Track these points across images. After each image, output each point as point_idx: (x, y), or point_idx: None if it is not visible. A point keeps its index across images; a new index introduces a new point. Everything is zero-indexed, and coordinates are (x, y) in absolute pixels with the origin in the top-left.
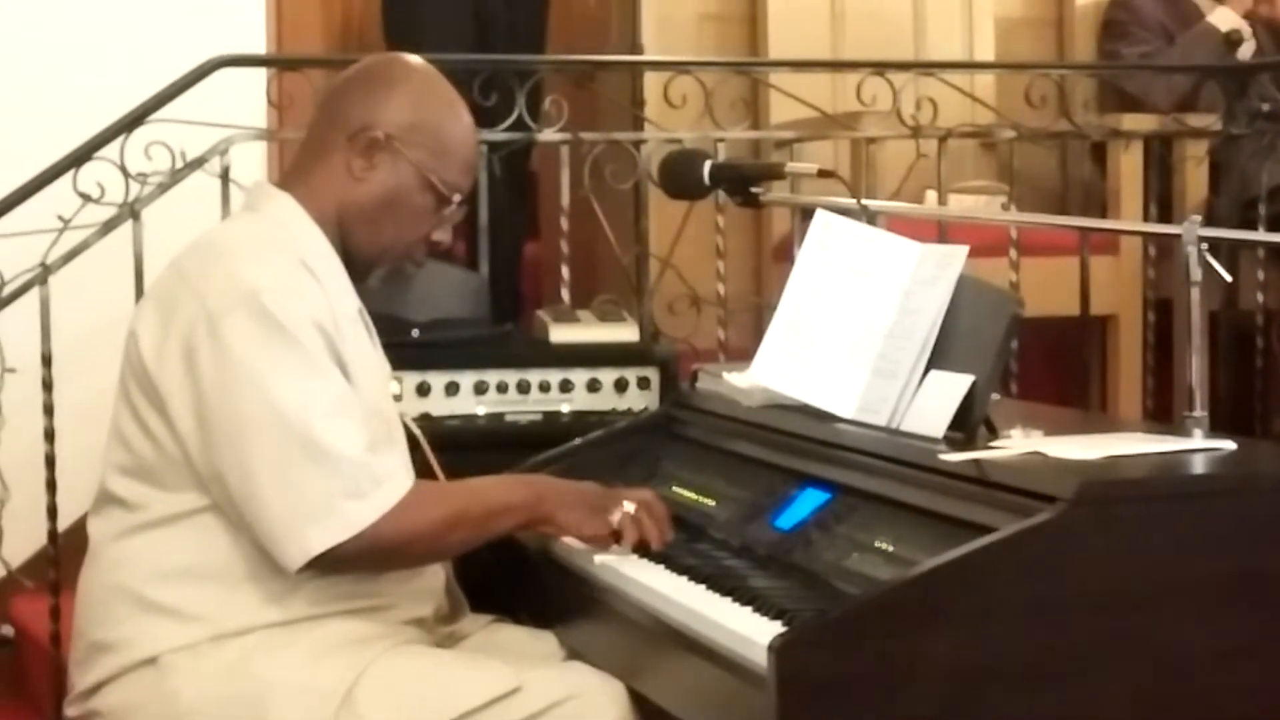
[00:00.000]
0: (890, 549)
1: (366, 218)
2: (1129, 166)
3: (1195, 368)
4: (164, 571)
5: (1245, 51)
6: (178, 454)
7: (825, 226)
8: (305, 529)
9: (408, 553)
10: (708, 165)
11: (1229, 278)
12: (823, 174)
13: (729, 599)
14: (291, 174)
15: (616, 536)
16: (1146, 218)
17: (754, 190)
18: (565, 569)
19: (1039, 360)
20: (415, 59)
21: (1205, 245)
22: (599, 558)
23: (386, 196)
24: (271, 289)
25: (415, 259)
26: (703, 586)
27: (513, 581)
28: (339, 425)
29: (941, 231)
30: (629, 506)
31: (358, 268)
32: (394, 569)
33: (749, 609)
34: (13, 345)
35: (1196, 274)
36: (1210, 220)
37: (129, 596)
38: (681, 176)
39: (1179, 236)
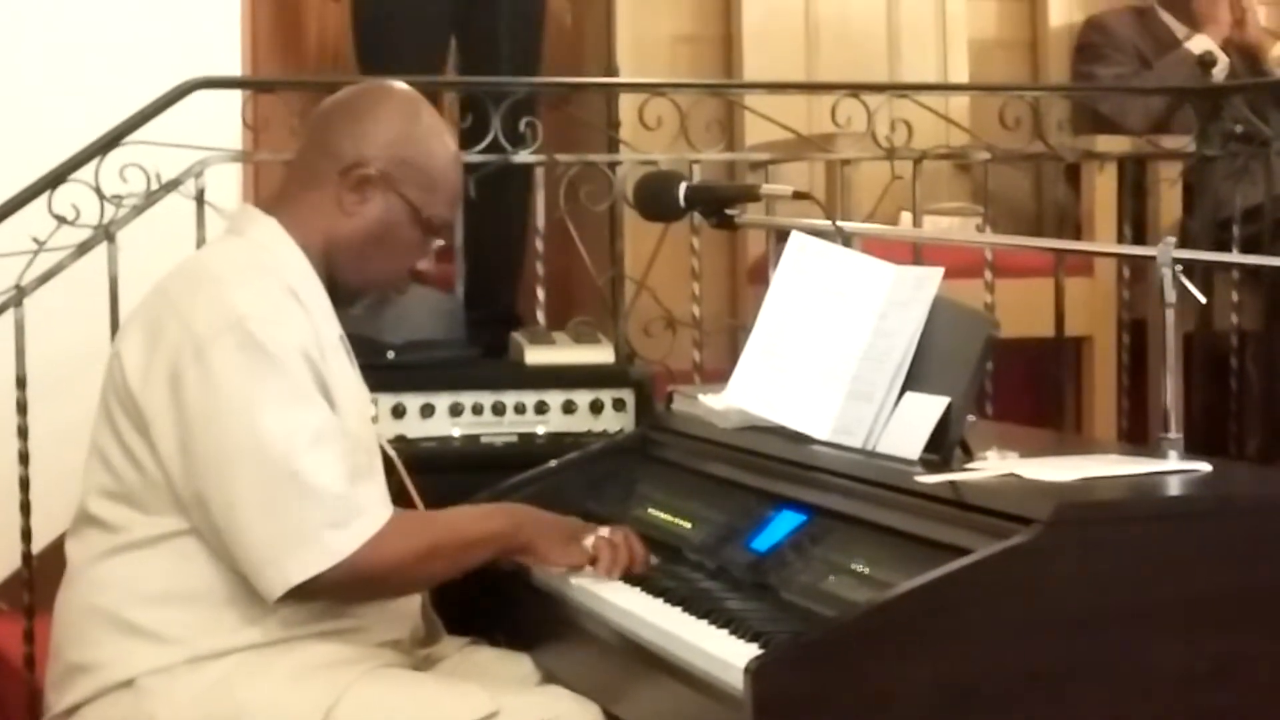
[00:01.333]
0: (866, 571)
1: (355, 251)
2: (1103, 188)
3: (1170, 389)
4: (142, 594)
5: (1219, 74)
6: (159, 477)
7: (800, 248)
8: (286, 558)
9: (386, 582)
10: (683, 187)
11: (1204, 299)
12: (798, 196)
13: (705, 621)
14: (277, 199)
15: (593, 563)
16: (1121, 239)
17: (729, 212)
18: (541, 591)
19: (1014, 381)
20: (403, 87)
21: (1180, 267)
22: (575, 580)
23: (376, 231)
24: (258, 316)
25: (399, 288)
26: (679, 609)
27: (489, 604)
28: (321, 456)
29: (916, 253)
30: (604, 532)
31: (343, 296)
32: (373, 599)
33: (725, 631)
34: None
35: (1171, 295)
36: (1184, 242)
37: (107, 618)
38: (657, 198)
39: (1154, 258)
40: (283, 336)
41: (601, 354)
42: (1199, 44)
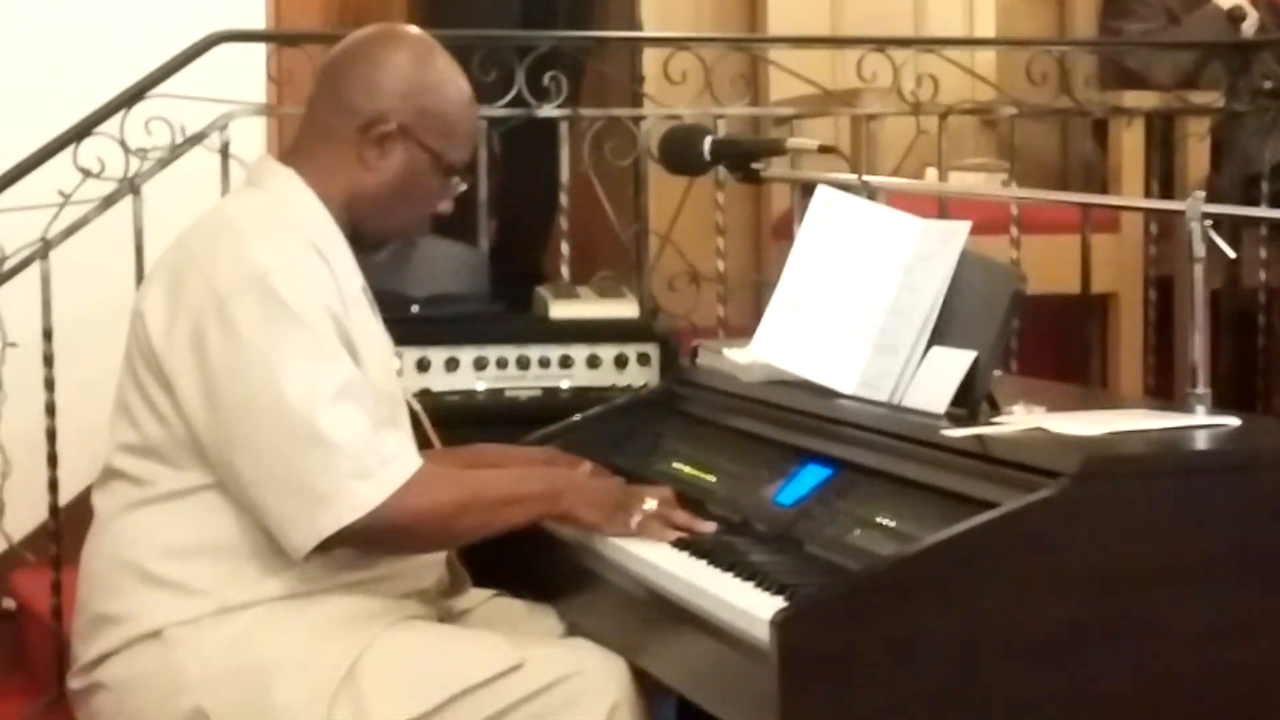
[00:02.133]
0: (892, 524)
1: (379, 203)
2: (1130, 144)
3: (1198, 344)
4: (169, 547)
5: (1249, 29)
6: (183, 433)
7: (826, 202)
8: (314, 512)
9: (414, 534)
10: (708, 141)
11: (1233, 254)
12: (824, 150)
13: (730, 574)
14: (295, 152)
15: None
16: (1148, 195)
17: (754, 166)
18: (567, 544)
19: (1040, 338)
20: (413, 31)
21: (1208, 222)
22: None
23: (399, 183)
24: (280, 271)
25: (421, 232)
26: (704, 562)
27: (515, 556)
28: (345, 410)
29: (942, 208)
30: (650, 505)
31: (365, 246)
32: (401, 552)
33: (750, 584)
34: (13, 320)
35: (1200, 250)
36: (1212, 197)
37: (134, 571)
38: (682, 152)
39: (1181, 214)
40: (305, 291)
41: (626, 308)
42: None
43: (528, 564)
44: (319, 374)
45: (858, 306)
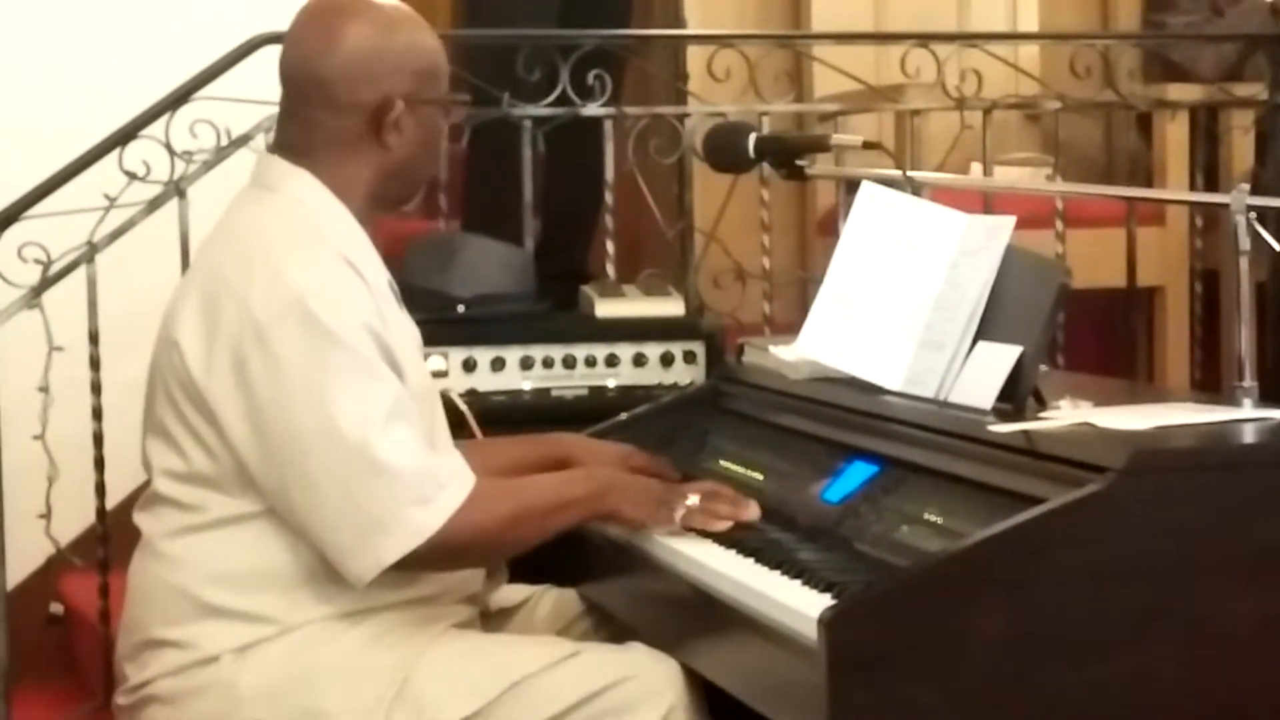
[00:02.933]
0: (939, 521)
1: (407, 170)
2: (1175, 137)
3: (1244, 337)
4: (223, 574)
5: None
6: (231, 462)
7: (871, 198)
8: (376, 540)
9: (473, 552)
10: (752, 138)
11: (1279, 247)
12: (868, 146)
13: (778, 572)
14: (302, 152)
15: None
16: (1193, 188)
17: (799, 163)
18: (613, 542)
19: (1085, 332)
20: (371, 1)
21: (1254, 214)
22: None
23: (421, 145)
24: (318, 293)
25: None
26: (751, 560)
27: (560, 553)
28: (397, 432)
29: (987, 203)
30: (693, 500)
31: (394, 207)
32: (462, 567)
33: (798, 582)
34: (60, 323)
35: (1245, 243)
36: (1257, 190)
37: (188, 598)
38: (726, 150)
39: (1226, 206)
40: (345, 312)
41: (672, 306)
42: None
43: (574, 561)
44: (368, 398)
45: (903, 302)
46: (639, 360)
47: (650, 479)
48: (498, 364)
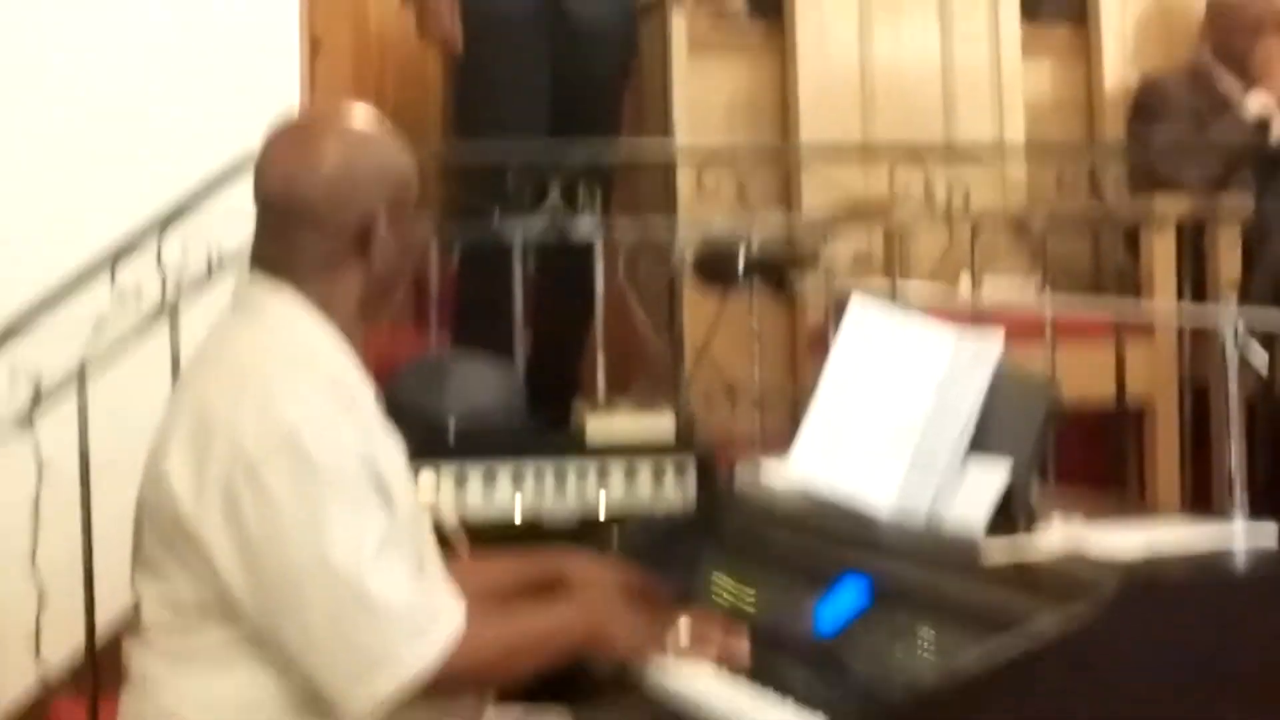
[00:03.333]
0: (932, 645)
1: (390, 282)
2: (1162, 249)
3: (1235, 453)
4: (214, 706)
5: (1276, 132)
6: (223, 595)
7: (861, 316)
8: (371, 676)
9: (467, 682)
10: (742, 256)
11: (1265, 370)
12: (858, 261)
13: (769, 694)
14: (281, 270)
15: None
16: (1181, 300)
17: (789, 280)
18: (606, 666)
19: (1076, 446)
20: (343, 115)
21: (1242, 330)
22: None
23: (402, 255)
24: (309, 427)
25: None
26: (743, 683)
27: (553, 677)
28: (389, 564)
29: (976, 316)
30: (685, 625)
31: (374, 318)
32: (457, 697)
33: (790, 705)
34: (50, 445)
35: (1234, 359)
36: (1244, 301)
37: None
38: (716, 268)
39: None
40: (336, 445)
41: (662, 423)
42: (1256, 104)
43: (565, 684)
44: (360, 530)
45: (894, 421)
46: (630, 478)
47: (642, 606)
48: (489, 480)
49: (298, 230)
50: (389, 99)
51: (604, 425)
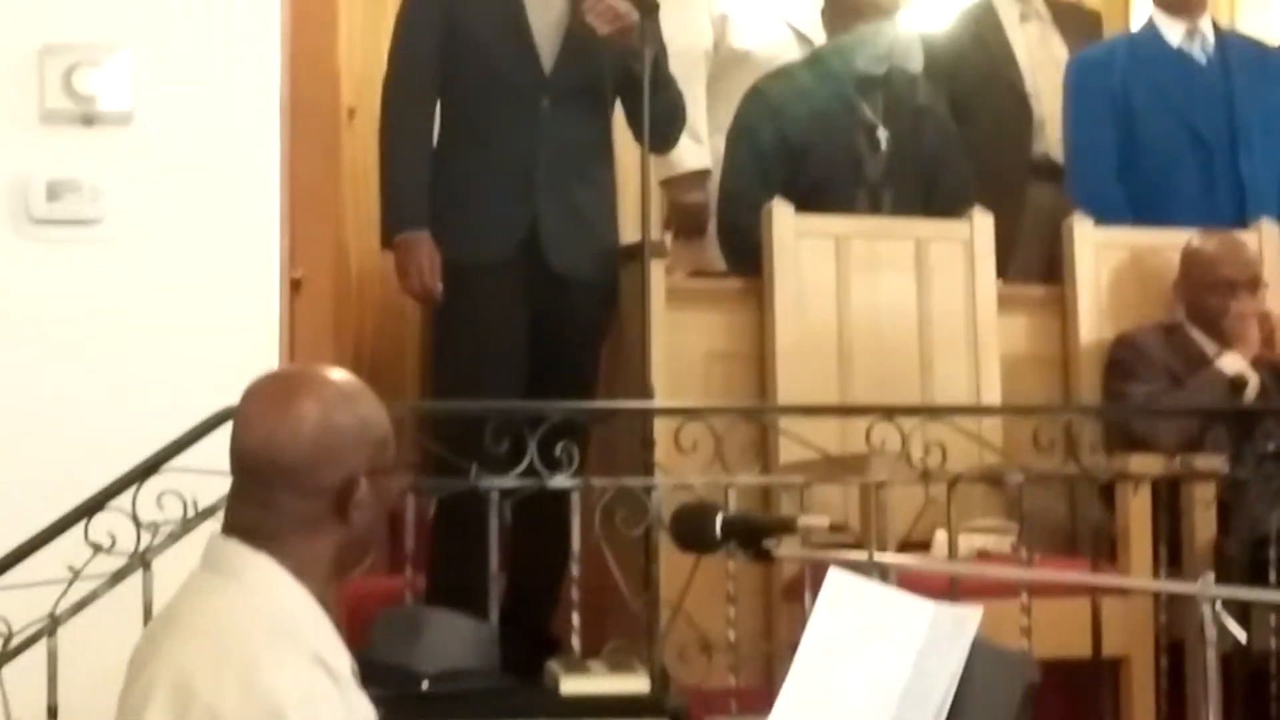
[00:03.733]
0: None
1: (366, 541)
2: (1138, 508)
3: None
4: None
5: (1251, 393)
6: None
7: (838, 586)
8: None
9: None
10: (719, 519)
11: (1244, 639)
12: (834, 530)
13: None
14: (257, 534)
15: None
16: (1156, 560)
17: (765, 546)
18: None
19: (1051, 702)
20: (321, 375)
21: (1220, 603)
22: None
23: (379, 515)
24: (293, 703)
25: None
26: None
27: None
28: None
29: (953, 582)
30: None
31: (346, 576)
32: None
33: None
34: (19, 697)
35: (1211, 633)
36: (1220, 561)
37: None
38: (693, 532)
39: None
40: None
41: (637, 682)
42: (1230, 364)
43: None
44: None
45: (870, 693)
46: None
47: None
48: None
49: (276, 492)
50: (368, 341)
51: (578, 684)
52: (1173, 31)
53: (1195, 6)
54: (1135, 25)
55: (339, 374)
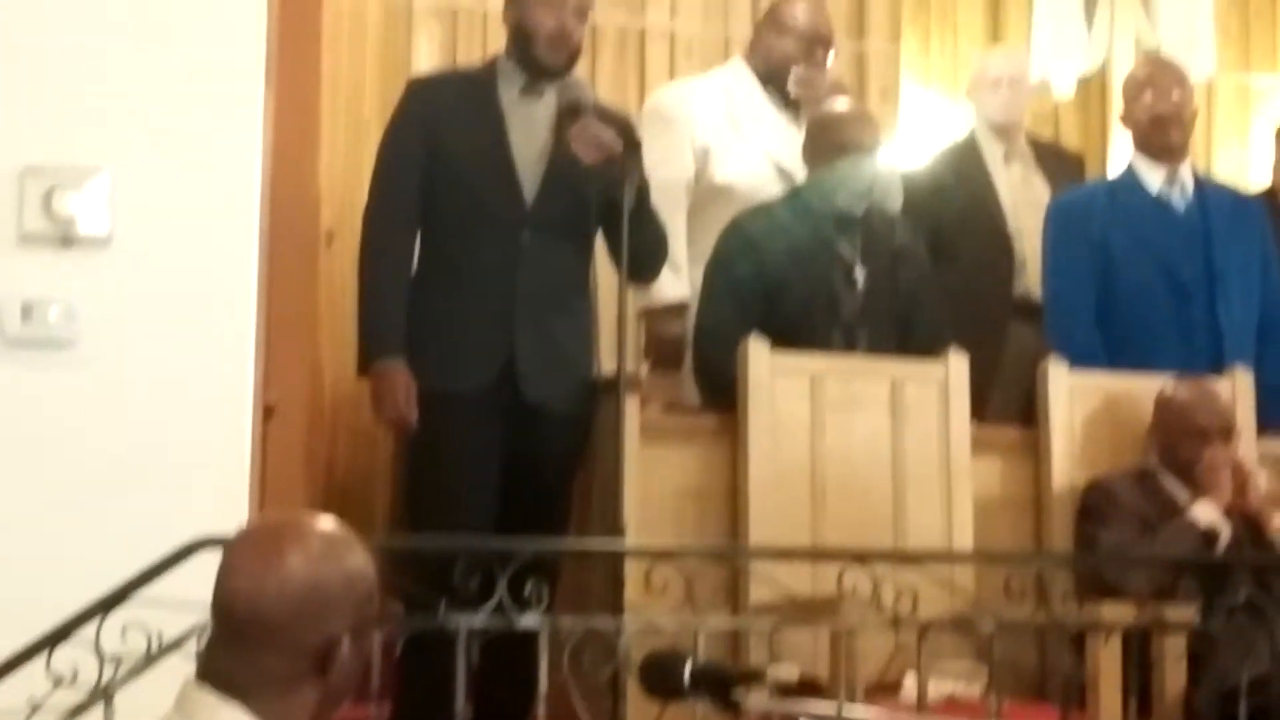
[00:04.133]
0: None
1: (341, 695)
2: (1108, 657)
3: None
4: None
5: (1223, 543)
6: None
7: None
8: None
9: None
10: (688, 668)
11: None
12: (803, 684)
13: None
14: (233, 686)
15: None
16: (1126, 711)
17: (734, 697)
18: None
19: None
20: (309, 529)
21: None
22: None
23: (357, 669)
24: None
25: None
26: None
27: None
28: None
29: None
30: None
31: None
32: None
33: None
34: None
35: None
36: (1190, 712)
37: None
38: (661, 679)
39: None
40: None
41: None
42: (1203, 514)
43: None
44: None
45: None
46: None
47: None
48: None
49: (256, 648)
50: (339, 468)
51: None
52: (1152, 177)
53: (1177, 153)
54: (1112, 168)
55: (327, 524)
